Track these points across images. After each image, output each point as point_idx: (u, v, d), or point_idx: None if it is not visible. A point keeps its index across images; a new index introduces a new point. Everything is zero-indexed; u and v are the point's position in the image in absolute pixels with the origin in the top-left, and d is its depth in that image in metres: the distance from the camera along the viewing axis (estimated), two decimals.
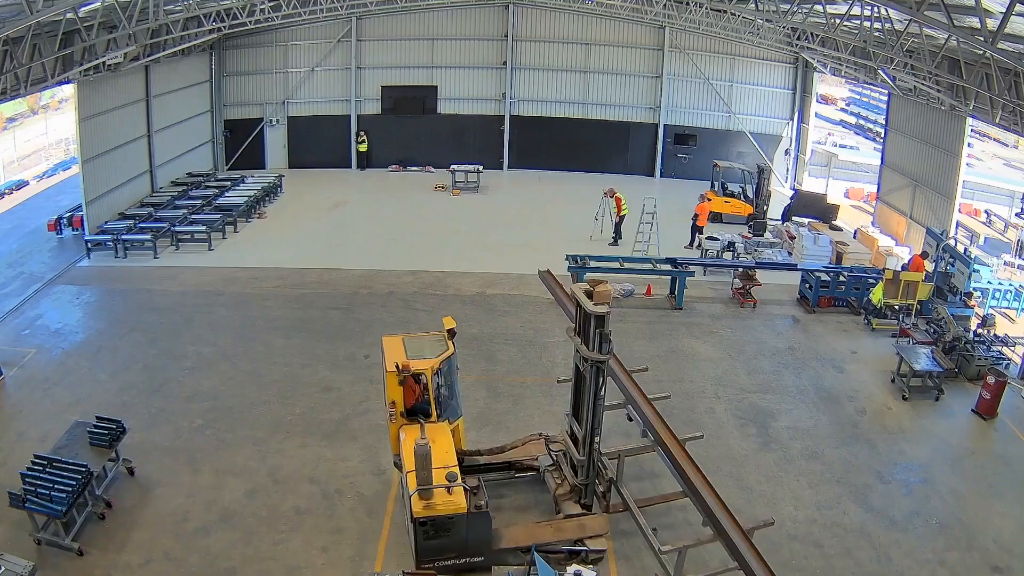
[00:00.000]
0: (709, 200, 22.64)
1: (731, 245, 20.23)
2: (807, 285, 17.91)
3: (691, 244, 21.45)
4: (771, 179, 24.95)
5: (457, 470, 9.01)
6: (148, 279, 18.26)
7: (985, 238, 24.14)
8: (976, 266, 17.55)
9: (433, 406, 9.82)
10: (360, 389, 13.43)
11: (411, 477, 8.83)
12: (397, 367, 9.38)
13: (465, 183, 27.00)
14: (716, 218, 23.27)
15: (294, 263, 19.38)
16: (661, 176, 29.97)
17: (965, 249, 19.89)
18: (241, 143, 28.84)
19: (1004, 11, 9.98)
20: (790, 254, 20.72)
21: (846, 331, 16.66)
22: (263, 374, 13.84)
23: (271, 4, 22.24)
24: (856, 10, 14.27)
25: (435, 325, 15.96)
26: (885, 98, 25.87)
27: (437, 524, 8.77)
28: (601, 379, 9.54)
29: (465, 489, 8.89)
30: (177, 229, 20.46)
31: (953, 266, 17.43)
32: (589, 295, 9.20)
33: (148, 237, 19.66)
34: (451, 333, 10.14)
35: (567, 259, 17.54)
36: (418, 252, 20.55)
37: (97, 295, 17.11)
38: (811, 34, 20.65)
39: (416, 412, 9.85)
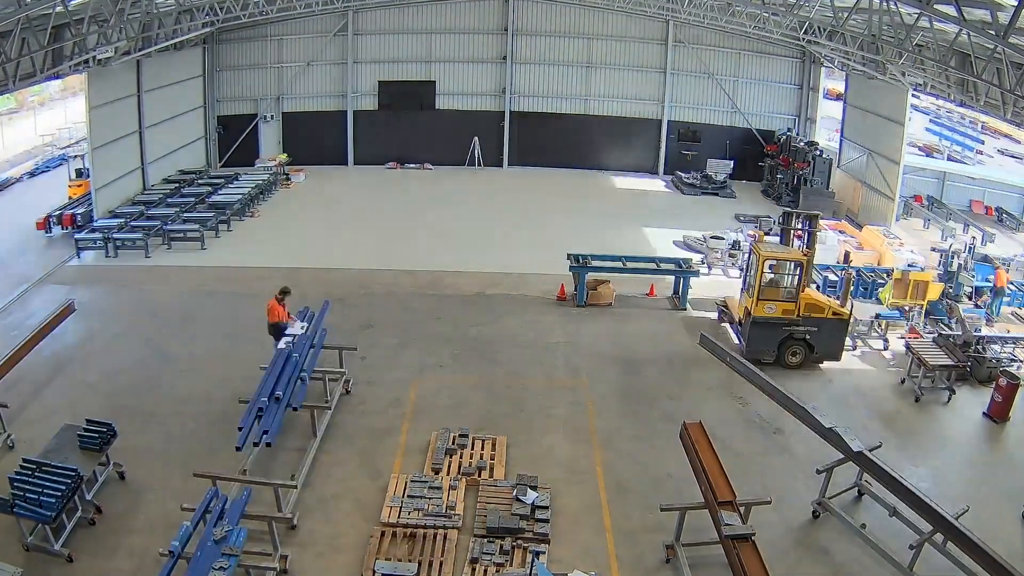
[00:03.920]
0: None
1: (736, 244, 19.96)
2: (815, 285, 17.60)
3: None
4: None
5: None
6: (140, 279, 17.99)
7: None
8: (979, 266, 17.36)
9: None
10: (357, 391, 13.20)
11: None
12: None
13: None
14: None
15: (289, 262, 19.10)
16: (665, 174, 29.68)
17: (971, 248, 19.64)
18: (235, 139, 28.50)
19: (1016, 4, 9.75)
20: None
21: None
22: (258, 376, 13.45)
23: None
24: (865, 3, 14.00)
25: (434, 325, 15.94)
26: None
27: None
28: None
29: None
30: (169, 228, 20.15)
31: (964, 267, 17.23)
32: None
33: (139, 236, 19.36)
34: None
35: (568, 258, 17.26)
36: (416, 251, 20.28)
37: (87, 295, 16.77)
38: (818, 28, 20.39)
39: None
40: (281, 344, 12.47)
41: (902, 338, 15.33)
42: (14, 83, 15.55)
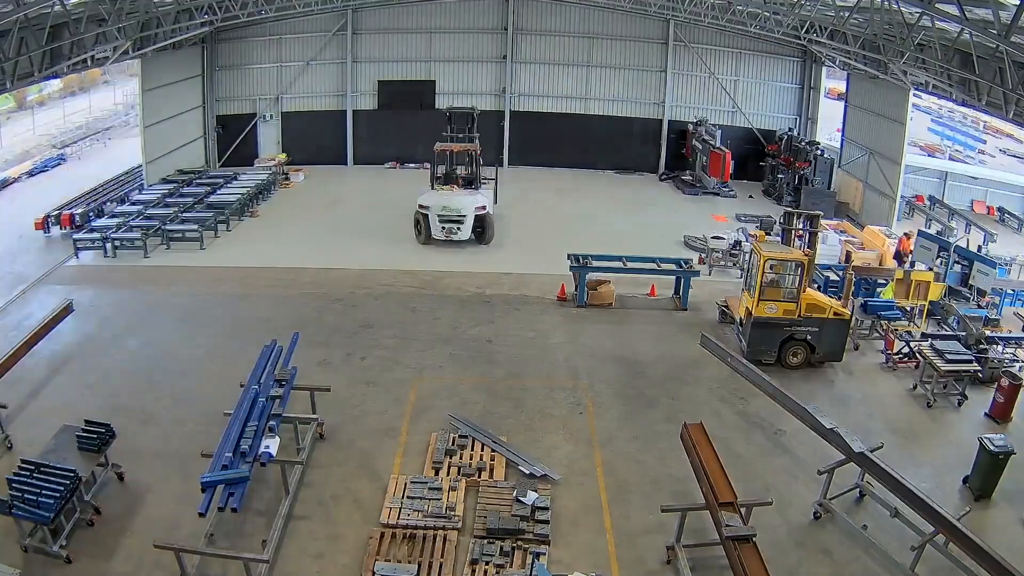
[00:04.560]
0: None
1: (737, 244, 19.91)
2: (816, 286, 17.54)
3: None
4: None
5: None
6: (138, 279, 17.94)
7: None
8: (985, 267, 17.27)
9: None
10: (356, 392, 13.15)
11: None
12: None
13: None
14: None
15: (288, 262, 19.06)
16: (665, 174, 29.57)
17: (980, 248, 19.57)
18: (234, 139, 28.43)
19: (1018, 3, 9.73)
20: None
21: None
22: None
23: None
24: (866, 2, 13.95)
25: (433, 325, 15.90)
26: None
27: None
28: None
29: None
30: (168, 227, 20.09)
31: (968, 267, 17.17)
32: None
33: (138, 236, 19.30)
34: None
35: (568, 258, 17.21)
36: (416, 251, 20.21)
37: (86, 295, 16.69)
38: (819, 27, 20.34)
39: None
40: None
41: (903, 340, 15.26)
42: (12, 83, 15.50)
